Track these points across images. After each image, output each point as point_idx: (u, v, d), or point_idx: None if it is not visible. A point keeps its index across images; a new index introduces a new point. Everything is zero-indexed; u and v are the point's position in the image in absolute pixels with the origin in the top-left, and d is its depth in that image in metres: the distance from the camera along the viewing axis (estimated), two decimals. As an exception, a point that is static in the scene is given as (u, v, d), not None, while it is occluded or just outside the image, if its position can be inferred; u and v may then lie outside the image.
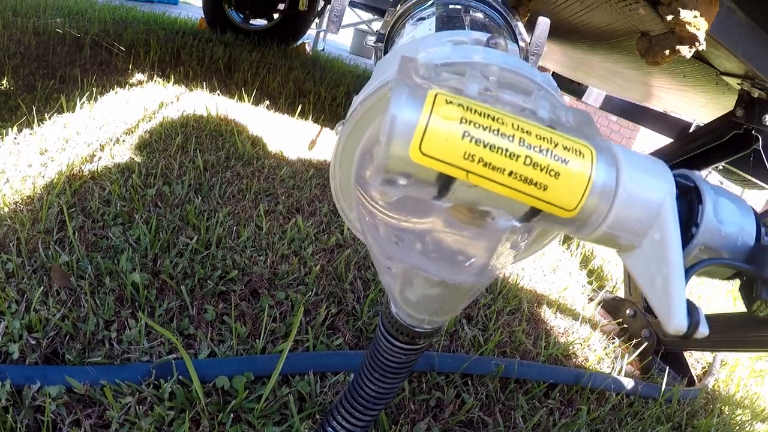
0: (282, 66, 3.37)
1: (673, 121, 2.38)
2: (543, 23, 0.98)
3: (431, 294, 0.40)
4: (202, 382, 0.82)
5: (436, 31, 0.49)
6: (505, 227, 0.34)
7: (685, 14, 1.00)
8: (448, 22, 0.53)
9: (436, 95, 0.28)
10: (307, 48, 4.77)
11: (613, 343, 1.44)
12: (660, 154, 1.65)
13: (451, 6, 0.62)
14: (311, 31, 5.53)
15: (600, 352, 1.34)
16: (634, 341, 1.48)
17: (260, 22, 4.33)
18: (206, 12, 4.28)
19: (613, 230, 0.32)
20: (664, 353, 1.44)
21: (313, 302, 1.09)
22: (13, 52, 2.30)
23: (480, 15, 0.62)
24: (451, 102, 0.28)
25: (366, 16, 7.08)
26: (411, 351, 0.49)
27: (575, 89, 3.17)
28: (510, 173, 0.28)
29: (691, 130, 2.31)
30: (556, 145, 0.29)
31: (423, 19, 0.57)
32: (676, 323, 0.31)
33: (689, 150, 1.55)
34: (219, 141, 1.78)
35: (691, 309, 0.32)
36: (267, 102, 2.51)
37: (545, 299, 1.50)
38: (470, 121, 0.28)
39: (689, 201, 0.38)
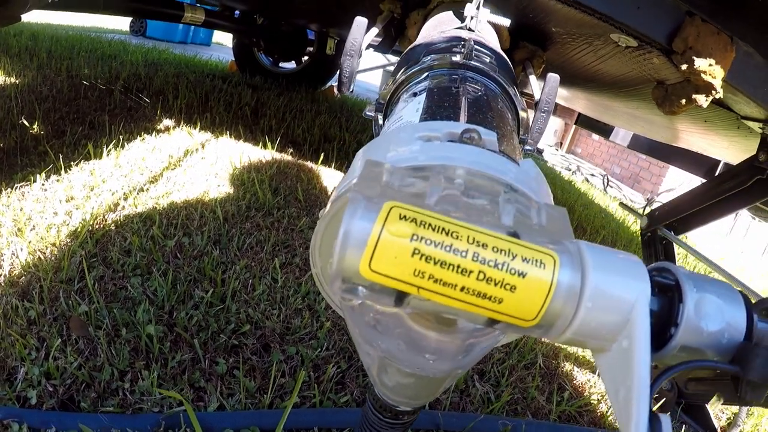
0: (308, 110, 3.44)
1: (700, 158, 2.33)
2: (552, 80, 0.98)
3: (405, 382, 0.40)
4: (209, 434, 0.84)
5: (422, 113, 0.50)
6: (470, 329, 0.34)
7: (700, 63, 0.98)
8: (437, 101, 0.54)
9: (390, 210, 0.29)
10: (335, 91, 4.86)
11: (634, 398, 1.39)
12: (688, 197, 1.61)
13: (445, 78, 0.63)
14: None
15: (620, 409, 1.29)
16: (654, 395, 1.42)
17: (289, 65, 4.46)
18: (236, 55, 4.44)
19: (580, 336, 0.31)
20: (686, 406, 1.38)
21: (323, 357, 1.09)
22: (45, 95, 2.40)
23: (475, 86, 0.62)
24: (404, 217, 0.28)
25: (394, 58, 7.22)
26: (398, 424, 0.49)
27: (602, 129, 3.16)
28: (462, 288, 0.28)
29: (719, 168, 2.27)
30: (513, 258, 0.29)
31: (416, 94, 0.58)
32: None
33: (716, 194, 1.51)
34: (240, 190, 1.82)
35: (654, 424, 0.31)
36: (291, 149, 2.56)
37: (563, 352, 1.47)
38: (422, 237, 0.28)
39: (670, 298, 0.36)
